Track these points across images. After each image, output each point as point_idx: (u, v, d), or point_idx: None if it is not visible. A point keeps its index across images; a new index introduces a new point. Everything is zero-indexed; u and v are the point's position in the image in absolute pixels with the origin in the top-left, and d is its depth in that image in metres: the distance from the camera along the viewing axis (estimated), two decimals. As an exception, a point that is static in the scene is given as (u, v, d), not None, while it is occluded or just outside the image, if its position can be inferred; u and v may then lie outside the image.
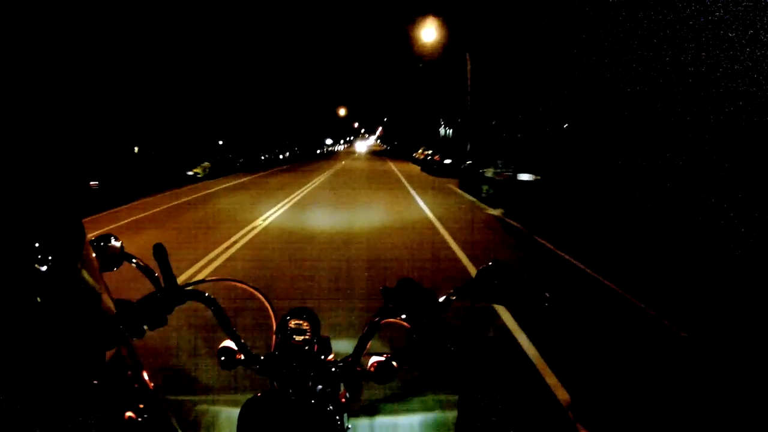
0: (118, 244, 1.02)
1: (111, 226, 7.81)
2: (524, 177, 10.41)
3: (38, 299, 0.53)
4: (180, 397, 1.04)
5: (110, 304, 0.70)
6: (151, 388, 0.72)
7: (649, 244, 6.40)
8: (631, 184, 9.26)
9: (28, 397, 0.51)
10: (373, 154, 60.53)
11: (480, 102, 23.93)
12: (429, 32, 22.64)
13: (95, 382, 0.61)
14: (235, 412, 0.86)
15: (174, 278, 0.96)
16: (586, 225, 7.79)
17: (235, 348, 0.94)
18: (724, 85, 8.59)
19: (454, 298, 0.90)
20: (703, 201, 7.38)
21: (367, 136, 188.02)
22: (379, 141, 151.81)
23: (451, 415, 0.87)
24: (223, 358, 0.94)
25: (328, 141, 79.14)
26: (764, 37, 8.12)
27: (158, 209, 10.07)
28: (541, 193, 9.93)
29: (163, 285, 0.96)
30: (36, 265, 0.54)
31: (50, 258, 0.55)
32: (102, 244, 1.00)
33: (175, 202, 11.25)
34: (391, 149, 70.02)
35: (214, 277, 1.05)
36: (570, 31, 14.17)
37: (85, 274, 0.62)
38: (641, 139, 10.01)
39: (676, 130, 9.53)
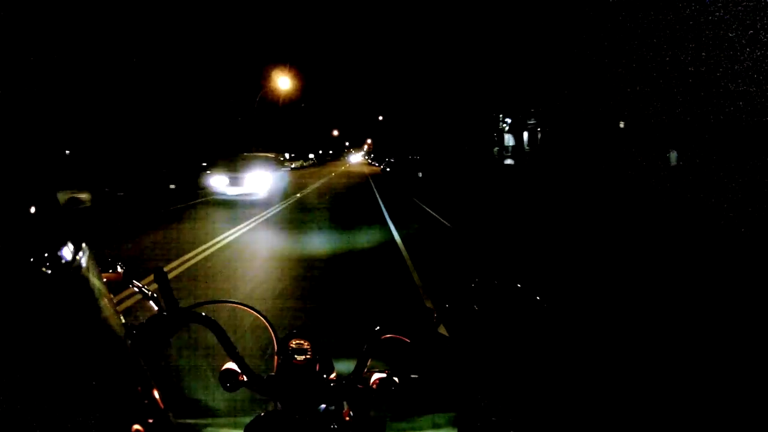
0: (120, 269, 1.04)
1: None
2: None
3: (42, 302, 0.53)
4: (183, 420, 1.03)
5: (117, 320, 0.70)
6: (162, 407, 0.72)
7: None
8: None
9: (29, 402, 0.51)
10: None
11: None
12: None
13: (102, 391, 0.61)
14: None
15: (175, 301, 0.98)
16: None
17: (238, 370, 0.95)
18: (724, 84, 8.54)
19: (450, 312, 0.90)
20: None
21: (351, 150, 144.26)
22: (367, 158, 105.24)
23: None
24: (225, 380, 0.94)
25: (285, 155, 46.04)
26: (764, 37, 8.17)
27: None
28: None
29: (164, 308, 0.97)
30: (42, 268, 0.54)
31: (56, 260, 0.55)
32: (105, 268, 1.02)
33: None
34: (392, 173, 31.68)
35: (215, 299, 1.05)
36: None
37: (92, 278, 0.62)
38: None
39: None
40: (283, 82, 34.69)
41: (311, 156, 72.34)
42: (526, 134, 21.90)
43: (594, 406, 2.61)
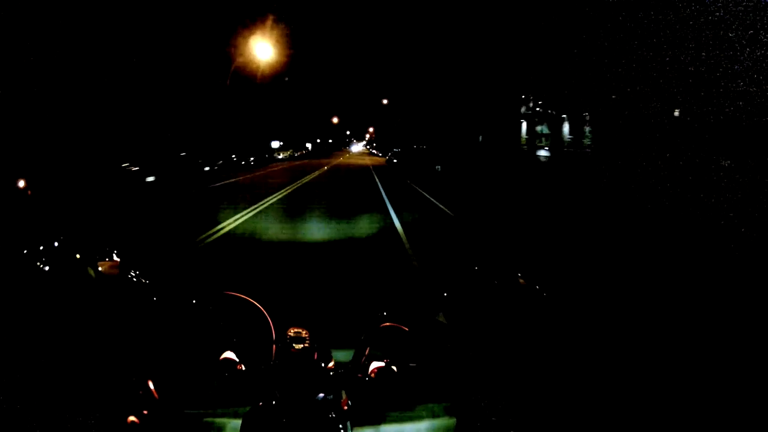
0: (117, 258, 1.03)
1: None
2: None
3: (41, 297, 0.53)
4: (182, 408, 1.04)
5: (111, 311, 0.70)
6: (156, 397, 0.72)
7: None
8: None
9: (28, 395, 0.51)
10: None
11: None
12: None
13: (98, 383, 0.61)
14: (238, 422, 0.87)
15: (172, 291, 0.98)
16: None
17: (236, 359, 0.95)
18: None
19: (448, 301, 0.90)
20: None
21: (353, 140, 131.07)
22: (369, 147, 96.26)
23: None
24: (223, 369, 0.94)
25: (275, 144, 39.97)
26: (764, 37, 7.84)
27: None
28: None
29: (161, 298, 0.98)
30: (39, 264, 0.53)
31: (54, 257, 0.54)
32: (102, 258, 1.01)
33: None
34: (400, 166, 25.26)
35: (212, 290, 1.05)
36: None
37: (91, 272, 0.61)
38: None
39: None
40: (262, 49, 23.98)
41: (308, 145, 63.66)
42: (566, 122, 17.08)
43: (595, 402, 2.62)
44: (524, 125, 21.92)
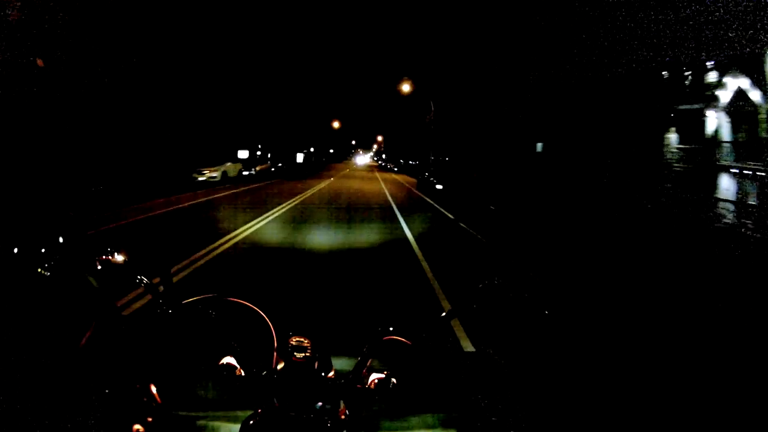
0: (121, 258, 1.00)
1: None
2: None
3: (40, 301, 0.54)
4: (179, 412, 1.05)
5: (116, 314, 0.71)
6: (159, 402, 0.73)
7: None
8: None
9: (31, 405, 0.51)
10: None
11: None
12: None
13: (102, 392, 0.62)
14: (236, 428, 0.88)
15: (177, 295, 0.98)
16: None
17: (236, 364, 0.95)
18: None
19: (453, 315, 0.91)
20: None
21: (359, 150, 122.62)
22: (377, 159, 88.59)
23: None
24: (223, 375, 0.95)
25: (242, 154, 25.88)
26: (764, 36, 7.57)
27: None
28: None
29: (166, 302, 0.97)
30: (39, 270, 0.54)
31: (54, 262, 0.55)
32: (105, 257, 1.00)
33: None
34: (453, 200, 12.30)
35: (216, 295, 1.06)
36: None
37: (92, 281, 0.62)
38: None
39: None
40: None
41: (299, 156, 45.72)
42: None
43: (594, 407, 2.62)
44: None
